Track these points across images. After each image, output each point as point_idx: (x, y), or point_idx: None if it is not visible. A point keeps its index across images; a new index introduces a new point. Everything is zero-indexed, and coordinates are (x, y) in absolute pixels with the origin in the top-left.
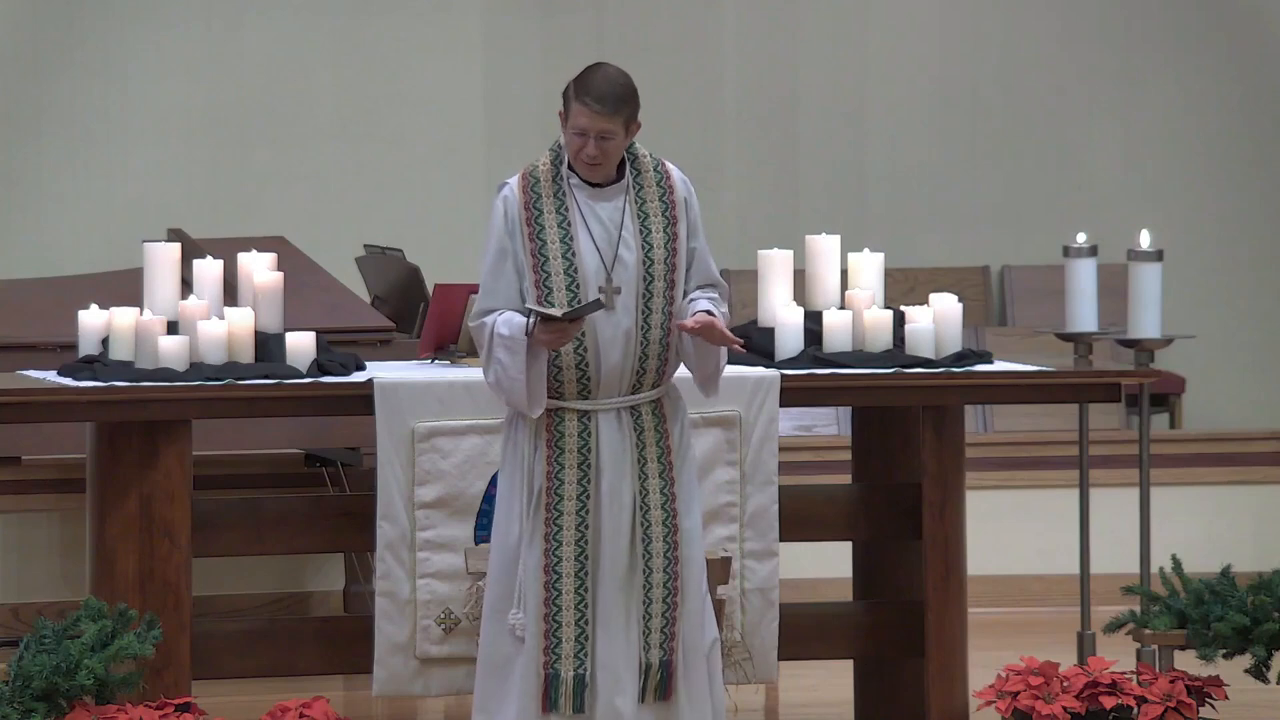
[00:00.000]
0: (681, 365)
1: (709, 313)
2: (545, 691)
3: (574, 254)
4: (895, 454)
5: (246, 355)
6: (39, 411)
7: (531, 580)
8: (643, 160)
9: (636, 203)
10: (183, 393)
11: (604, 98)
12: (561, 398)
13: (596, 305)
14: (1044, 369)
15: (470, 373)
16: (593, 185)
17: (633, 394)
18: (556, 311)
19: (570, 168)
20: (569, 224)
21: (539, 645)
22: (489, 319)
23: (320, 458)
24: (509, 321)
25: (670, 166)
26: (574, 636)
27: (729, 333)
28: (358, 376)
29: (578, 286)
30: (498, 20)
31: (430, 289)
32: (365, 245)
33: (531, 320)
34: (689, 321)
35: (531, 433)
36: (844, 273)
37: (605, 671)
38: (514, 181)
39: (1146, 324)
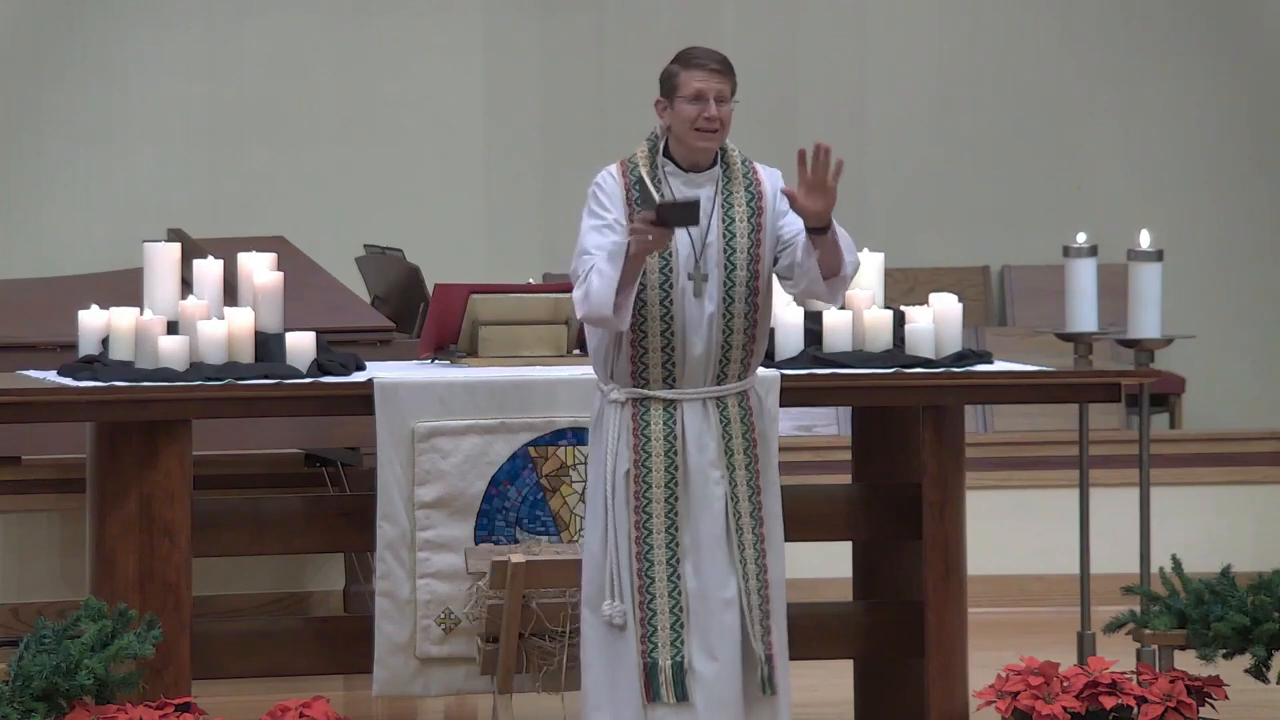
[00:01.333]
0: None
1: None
2: (646, 681)
3: (671, 237)
4: (895, 454)
5: (246, 355)
6: (39, 411)
7: (625, 570)
8: (731, 154)
9: (724, 194)
10: (183, 393)
11: (716, 59)
12: (647, 385)
13: (693, 207)
14: (1044, 369)
15: (470, 373)
16: (686, 172)
17: (717, 384)
18: (656, 195)
19: (666, 154)
20: None
21: (636, 634)
22: (589, 260)
23: (320, 458)
24: (612, 250)
25: (758, 165)
26: (669, 624)
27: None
28: (358, 376)
29: (670, 270)
30: (498, 20)
31: (430, 289)
32: (365, 245)
33: (637, 198)
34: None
35: (617, 422)
36: None
37: (707, 659)
38: (613, 168)
39: (1146, 324)
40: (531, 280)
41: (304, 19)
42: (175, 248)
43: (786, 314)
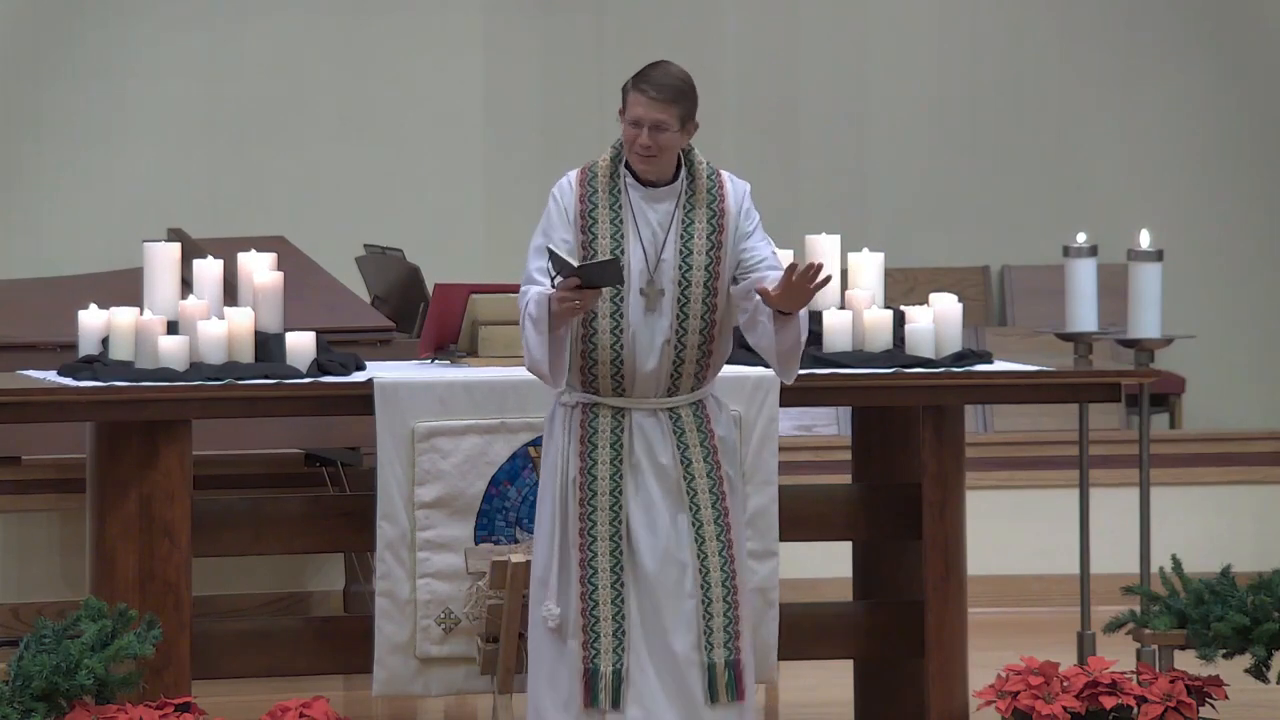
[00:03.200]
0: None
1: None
2: (586, 686)
3: (622, 251)
4: (895, 454)
5: (246, 355)
6: (39, 411)
7: (570, 576)
8: (698, 167)
9: (685, 208)
10: (183, 393)
11: (661, 87)
12: (597, 392)
13: (613, 265)
14: (1044, 369)
15: (470, 373)
16: (646, 186)
17: (669, 396)
18: (572, 260)
19: (628, 166)
20: (620, 222)
21: (578, 639)
22: (528, 293)
23: (320, 458)
24: (539, 300)
25: (725, 176)
26: (612, 631)
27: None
28: (358, 376)
29: (620, 283)
30: (498, 20)
31: (430, 289)
32: (365, 245)
33: (550, 269)
34: (770, 286)
35: (566, 425)
36: (844, 273)
37: (645, 668)
38: (573, 175)
39: (1146, 324)
40: None
41: (304, 19)
42: (175, 248)
43: None
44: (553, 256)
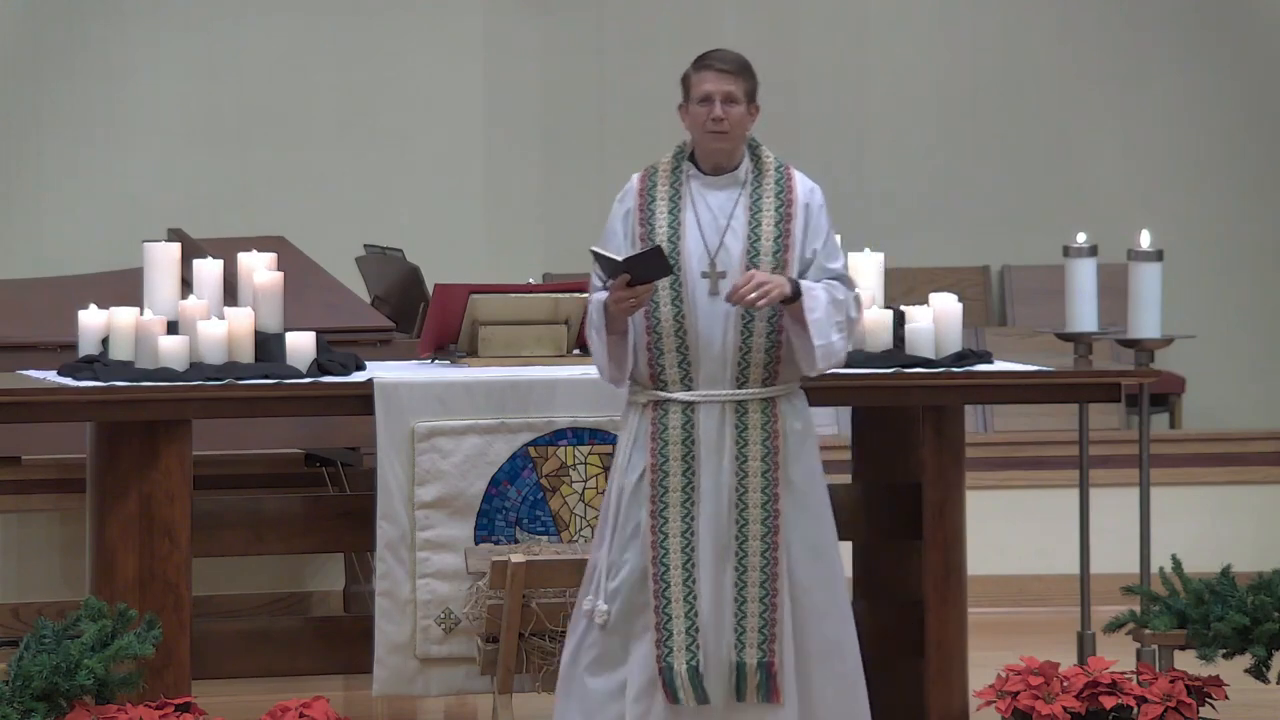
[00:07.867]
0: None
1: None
2: (663, 684)
3: (679, 236)
4: (895, 454)
5: (246, 355)
6: (39, 411)
7: (639, 575)
8: (765, 160)
9: (752, 196)
10: (183, 393)
11: (727, 60)
12: (665, 388)
13: (656, 254)
14: (1044, 369)
15: (470, 373)
16: (707, 175)
17: (738, 387)
18: (617, 257)
19: (691, 159)
20: (679, 209)
21: (651, 638)
22: (592, 300)
23: (320, 458)
24: (599, 306)
25: (795, 172)
26: (684, 629)
27: (747, 287)
28: (358, 376)
29: (679, 269)
30: (498, 20)
31: (430, 289)
32: (365, 245)
33: (598, 271)
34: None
35: (636, 424)
36: None
37: (716, 660)
38: (635, 177)
39: (1146, 324)
40: (531, 280)
41: (304, 19)
42: (175, 248)
43: None
44: (597, 258)
